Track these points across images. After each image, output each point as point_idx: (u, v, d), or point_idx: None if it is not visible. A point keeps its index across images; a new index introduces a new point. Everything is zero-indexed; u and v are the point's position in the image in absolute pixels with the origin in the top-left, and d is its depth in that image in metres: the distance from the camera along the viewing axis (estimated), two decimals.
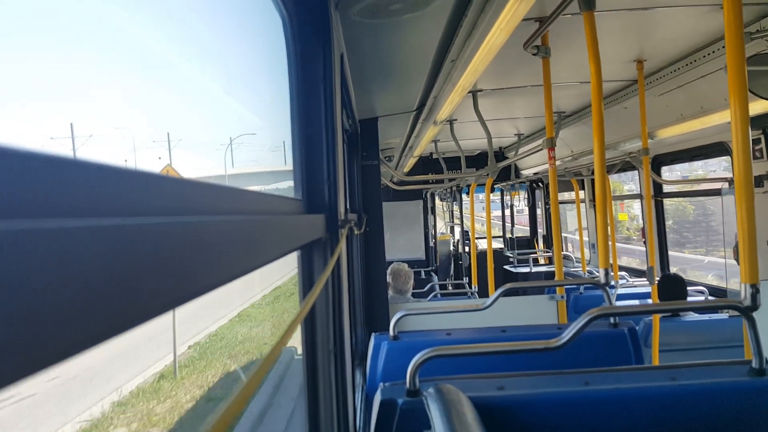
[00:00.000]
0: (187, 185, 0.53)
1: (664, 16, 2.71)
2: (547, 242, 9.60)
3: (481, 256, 7.21)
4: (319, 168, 1.38)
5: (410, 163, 7.19)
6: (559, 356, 1.75)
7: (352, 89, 2.79)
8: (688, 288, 4.28)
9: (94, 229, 0.33)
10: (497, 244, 10.46)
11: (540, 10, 2.54)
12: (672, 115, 3.98)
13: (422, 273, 8.98)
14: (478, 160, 7.70)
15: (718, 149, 4.39)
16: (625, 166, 5.84)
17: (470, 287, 7.31)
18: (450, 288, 8.38)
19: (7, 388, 0.25)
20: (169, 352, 6.79)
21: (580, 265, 7.43)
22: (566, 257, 8.32)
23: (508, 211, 10.49)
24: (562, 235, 10.55)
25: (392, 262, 4.99)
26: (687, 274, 6.97)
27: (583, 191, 7.50)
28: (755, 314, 1.63)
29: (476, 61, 2.39)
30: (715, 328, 3.95)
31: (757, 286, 1.62)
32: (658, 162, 5.29)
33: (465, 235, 9.80)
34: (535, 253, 9.45)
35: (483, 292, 6.78)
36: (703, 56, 3.25)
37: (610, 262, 2.65)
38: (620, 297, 5.03)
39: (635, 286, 5.50)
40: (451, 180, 7.41)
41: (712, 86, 3.43)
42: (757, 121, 3.49)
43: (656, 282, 3.97)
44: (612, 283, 4.70)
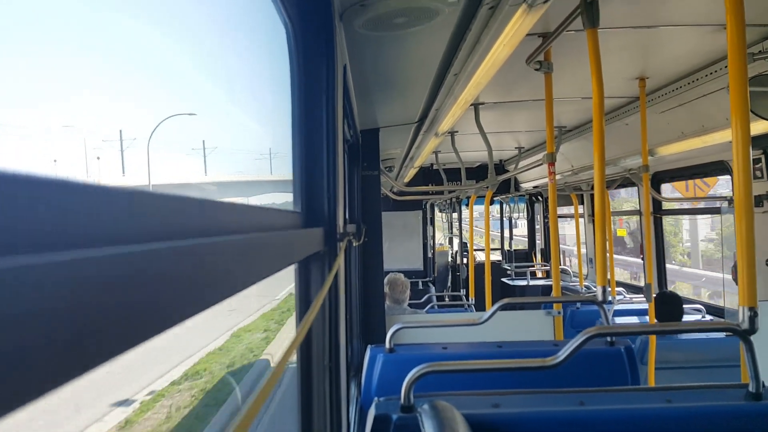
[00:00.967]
0: (179, 203, 0.52)
1: (668, 34, 2.72)
2: (545, 256, 9.59)
3: (479, 268, 7.20)
4: (319, 180, 1.37)
5: (410, 173, 7.19)
6: (555, 373, 1.74)
7: (354, 100, 2.79)
8: (685, 306, 4.26)
9: (80, 262, 0.32)
10: (495, 257, 10.45)
11: (544, 26, 2.54)
12: (673, 132, 3.98)
13: (420, 284, 8.96)
14: (478, 172, 7.70)
15: (719, 168, 4.39)
16: (625, 182, 5.85)
17: (467, 299, 7.31)
18: (447, 299, 8.36)
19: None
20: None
21: (578, 279, 7.43)
22: (564, 271, 8.31)
23: (507, 223, 10.49)
24: (560, 249, 10.54)
25: (390, 272, 4.98)
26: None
27: (582, 206, 7.50)
28: (753, 337, 1.62)
29: (479, 75, 2.39)
30: (713, 348, 3.94)
31: (755, 309, 1.61)
32: (658, 179, 5.29)
33: (463, 246, 9.79)
34: (533, 266, 9.43)
35: (480, 304, 6.77)
36: (705, 75, 3.25)
37: (608, 278, 2.64)
38: (617, 313, 5.02)
39: (632, 302, 5.49)
40: (450, 191, 7.41)
41: (713, 105, 3.44)
42: (758, 141, 3.50)
43: (653, 299, 3.96)
44: (609, 299, 4.69)
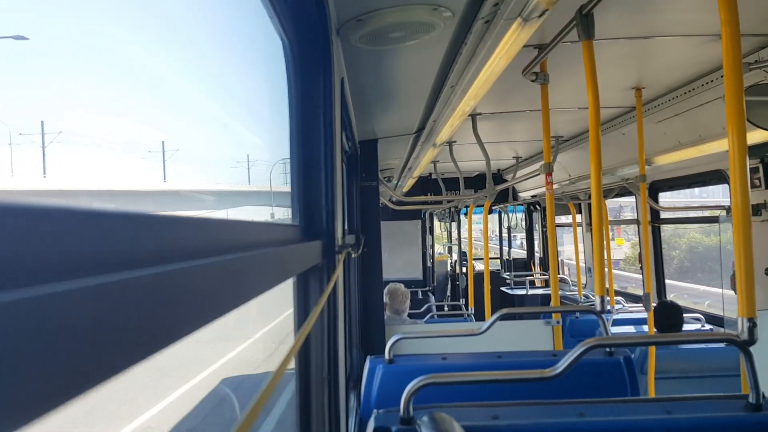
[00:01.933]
0: (177, 224, 0.52)
1: (663, 45, 2.73)
2: (544, 265, 9.59)
3: (478, 277, 7.19)
4: (318, 193, 1.38)
5: (409, 183, 7.20)
6: (555, 383, 1.74)
7: (353, 112, 2.80)
8: (685, 315, 4.26)
9: (71, 293, 0.32)
10: (495, 266, 10.45)
11: (540, 38, 2.56)
12: (670, 142, 3.99)
13: (419, 293, 8.95)
14: (476, 182, 7.72)
15: (716, 177, 4.41)
16: (623, 192, 5.86)
17: (467, 309, 7.29)
18: (446, 309, 8.35)
19: None
20: None
21: (576, 288, 7.42)
22: (563, 281, 8.30)
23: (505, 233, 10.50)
24: (559, 258, 10.54)
25: (389, 282, 4.98)
26: None
27: (580, 215, 7.51)
28: (754, 347, 1.62)
29: (476, 87, 2.41)
30: (713, 358, 3.93)
31: (754, 320, 1.62)
32: (656, 188, 5.30)
33: (462, 256, 9.78)
34: (532, 275, 9.43)
35: (479, 314, 6.76)
36: (702, 85, 3.27)
37: (606, 288, 2.64)
38: (616, 322, 5.01)
39: (631, 312, 5.48)
40: (449, 201, 7.42)
41: (710, 115, 3.45)
42: (756, 150, 3.51)
43: (653, 309, 3.96)
44: (608, 309, 4.69)
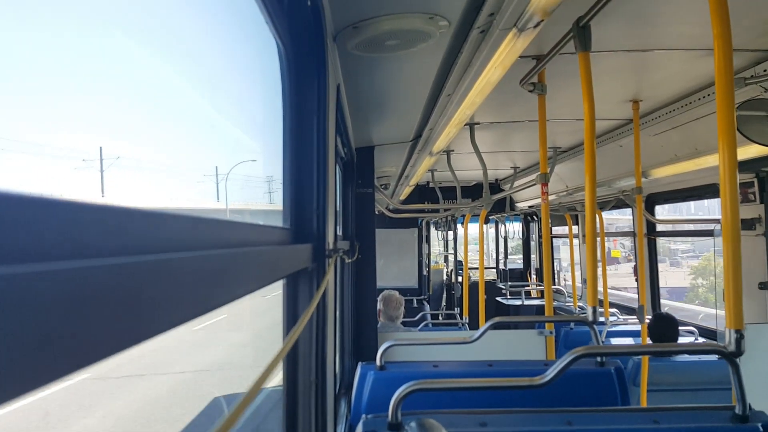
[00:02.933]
0: (164, 219, 0.53)
1: (660, 58, 2.75)
2: (540, 275, 9.59)
3: (474, 287, 7.19)
4: (309, 198, 1.38)
5: (406, 191, 7.21)
6: (545, 393, 1.75)
7: (349, 118, 2.81)
8: (678, 328, 4.26)
9: (63, 272, 0.33)
10: (491, 276, 10.45)
11: (537, 49, 2.57)
12: (666, 155, 4.01)
13: (414, 301, 8.94)
14: (474, 191, 7.73)
15: (711, 191, 4.42)
16: (619, 204, 5.87)
17: (461, 318, 7.29)
18: (441, 318, 8.34)
19: None
20: None
21: (572, 299, 7.42)
22: (558, 291, 8.30)
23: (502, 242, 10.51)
24: (556, 269, 10.54)
25: (384, 290, 4.98)
26: None
27: (576, 226, 7.51)
28: (743, 358, 1.62)
29: (472, 96, 2.42)
30: (705, 370, 3.93)
31: (741, 332, 1.62)
32: (652, 201, 5.32)
33: (458, 265, 9.78)
34: (528, 285, 9.43)
35: (474, 324, 6.75)
36: (698, 99, 3.29)
37: (600, 299, 2.64)
38: (611, 334, 5.01)
39: (626, 324, 5.49)
40: (446, 210, 7.43)
41: (706, 128, 3.47)
42: (751, 165, 3.52)
43: (647, 321, 3.96)
44: (601, 320, 4.69)
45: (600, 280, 4.51)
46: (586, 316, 2.48)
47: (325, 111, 1.43)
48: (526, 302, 8.44)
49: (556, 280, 10.42)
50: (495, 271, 10.71)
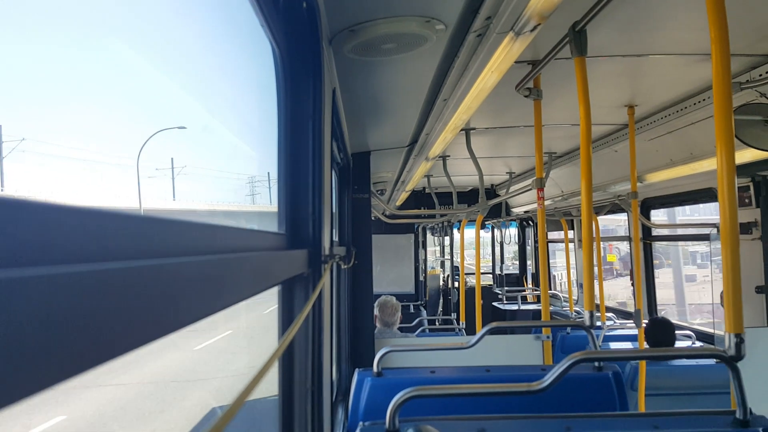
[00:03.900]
0: (159, 224, 0.52)
1: (656, 63, 2.75)
2: (536, 280, 9.58)
3: (471, 292, 7.18)
4: (305, 203, 1.37)
5: (402, 197, 7.21)
6: (543, 398, 1.73)
7: (345, 123, 2.80)
8: (675, 332, 4.26)
9: (55, 277, 0.32)
10: (488, 281, 10.44)
11: (533, 54, 2.57)
12: (662, 159, 4.01)
13: (411, 307, 8.92)
14: (469, 197, 7.73)
15: (707, 195, 4.42)
16: (614, 208, 5.88)
17: (458, 323, 7.27)
18: (438, 323, 8.32)
19: None
20: None
21: (568, 304, 7.42)
22: (554, 296, 8.30)
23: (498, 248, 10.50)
24: (552, 274, 10.53)
25: (381, 295, 4.96)
26: None
27: (572, 231, 7.52)
28: (742, 362, 1.62)
29: (468, 101, 2.41)
30: (703, 374, 3.93)
31: (741, 336, 1.61)
32: (648, 205, 5.32)
33: (455, 270, 9.77)
34: (524, 290, 9.43)
35: (471, 329, 6.73)
36: (694, 104, 3.29)
37: (596, 304, 2.64)
38: (608, 338, 5.00)
39: (623, 328, 5.48)
40: (442, 215, 7.43)
41: (701, 133, 3.47)
42: (746, 169, 3.53)
43: (643, 325, 3.95)
44: (598, 324, 4.68)
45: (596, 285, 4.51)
46: (583, 321, 2.47)
47: (320, 115, 1.42)
48: (523, 307, 8.44)
49: (552, 285, 10.43)
50: (491, 276, 10.70)
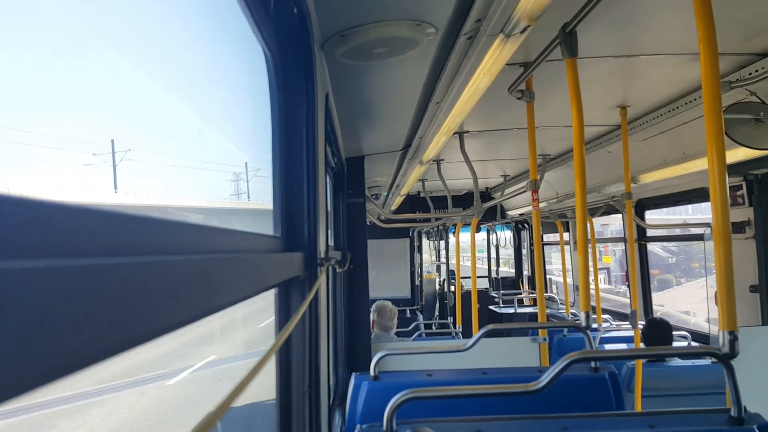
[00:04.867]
0: (151, 223, 0.52)
1: (646, 64, 2.77)
2: (532, 283, 9.59)
3: (467, 296, 7.18)
4: (299, 206, 1.37)
5: (397, 201, 7.22)
6: (539, 400, 1.74)
7: (338, 128, 2.81)
8: (673, 333, 4.27)
9: (46, 270, 0.32)
10: (484, 284, 10.44)
11: (524, 56, 2.59)
12: (655, 160, 4.03)
13: (407, 311, 8.91)
14: (464, 200, 7.74)
15: (701, 195, 4.45)
16: (609, 210, 5.90)
17: (455, 327, 7.28)
18: (435, 327, 8.32)
19: None
20: None
21: (565, 306, 7.43)
22: (551, 299, 8.31)
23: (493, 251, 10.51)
24: (548, 276, 10.54)
25: (377, 300, 4.96)
26: None
27: (567, 233, 7.54)
28: (737, 361, 1.62)
29: (461, 104, 2.43)
30: (699, 374, 3.94)
31: (735, 333, 1.62)
32: (642, 206, 5.34)
33: (451, 274, 9.78)
34: (520, 293, 9.44)
35: (467, 333, 6.73)
36: (685, 104, 3.31)
37: (592, 305, 2.65)
38: (604, 340, 5.02)
39: (619, 329, 5.49)
40: (437, 219, 7.44)
41: (694, 133, 3.49)
42: (739, 168, 3.55)
43: (640, 326, 3.96)
44: (594, 326, 4.69)
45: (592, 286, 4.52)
46: (579, 322, 2.47)
47: (314, 119, 1.43)
48: (519, 310, 8.44)
49: (549, 288, 10.44)
50: (487, 279, 10.71)
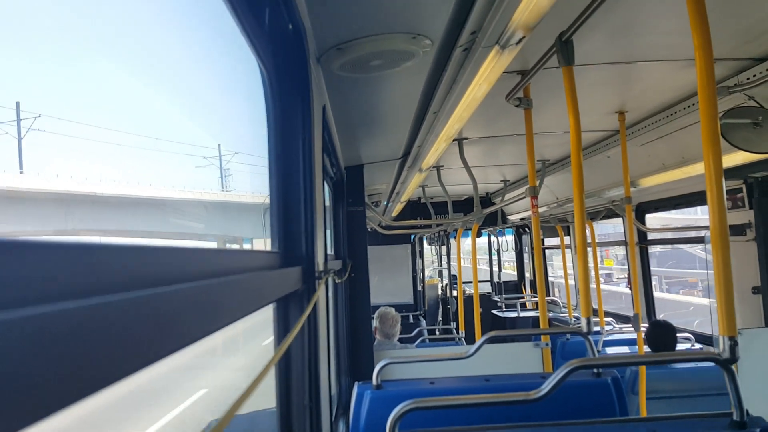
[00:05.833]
0: (151, 252, 0.53)
1: (644, 69, 2.78)
2: (535, 287, 9.58)
3: (469, 300, 7.17)
4: (297, 220, 1.38)
5: (398, 208, 7.22)
6: (543, 406, 1.74)
7: (337, 138, 2.82)
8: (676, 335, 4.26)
9: (45, 316, 0.33)
10: (486, 289, 10.42)
11: (522, 64, 2.59)
12: (654, 164, 4.04)
13: (410, 317, 8.89)
14: (465, 205, 7.75)
15: (700, 198, 4.45)
16: (609, 214, 5.90)
17: (457, 332, 7.27)
18: (437, 333, 8.31)
19: None
20: None
21: (567, 310, 7.42)
22: (553, 302, 8.30)
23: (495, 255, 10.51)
24: (550, 280, 10.53)
25: (380, 307, 4.96)
26: None
27: (568, 237, 7.53)
28: (741, 363, 1.62)
29: (459, 112, 2.43)
30: (703, 377, 3.93)
31: (735, 339, 1.62)
32: (642, 210, 5.34)
33: (453, 279, 9.77)
34: (523, 297, 9.42)
35: (470, 338, 6.73)
36: (683, 108, 3.32)
37: (594, 309, 2.64)
38: (607, 343, 5.01)
39: (622, 332, 5.48)
40: (438, 225, 7.44)
41: (692, 137, 3.50)
42: (738, 171, 3.55)
43: (642, 329, 3.96)
44: (596, 330, 4.68)
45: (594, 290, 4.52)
46: (581, 327, 2.47)
47: (310, 132, 1.44)
48: (522, 314, 8.43)
49: (551, 291, 10.42)
50: (489, 284, 10.69)
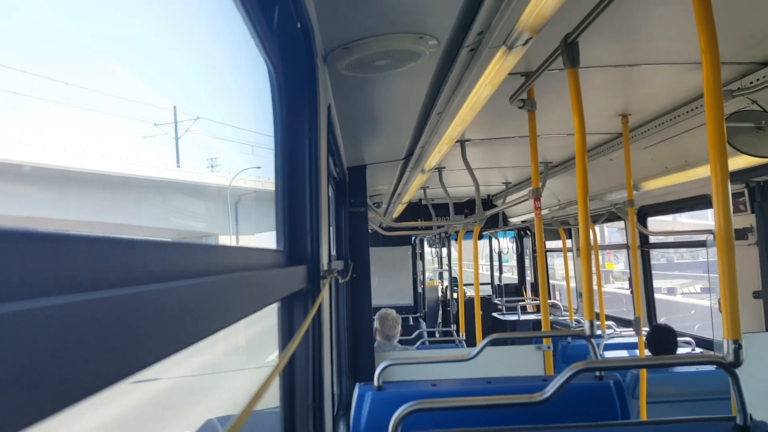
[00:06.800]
0: (156, 247, 0.53)
1: (648, 72, 2.78)
2: (536, 290, 9.57)
3: (470, 303, 7.16)
4: (302, 219, 1.38)
5: (399, 209, 7.22)
6: (545, 409, 1.73)
7: (341, 138, 2.82)
8: (677, 339, 4.25)
9: (57, 308, 0.32)
10: (487, 291, 10.41)
11: (526, 66, 2.59)
12: (657, 167, 4.04)
13: (410, 319, 8.88)
14: (466, 207, 7.74)
15: (703, 202, 4.44)
16: (612, 217, 5.89)
17: (458, 335, 7.26)
18: (438, 335, 8.30)
19: None
20: None
21: (568, 313, 7.41)
22: (554, 305, 8.29)
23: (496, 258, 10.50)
24: (551, 283, 10.52)
25: (380, 308, 4.95)
26: None
27: (570, 240, 7.53)
28: (742, 367, 1.62)
29: (463, 114, 2.43)
30: (704, 381, 3.92)
31: (739, 342, 1.62)
32: (644, 213, 5.34)
33: (453, 281, 9.76)
34: (523, 300, 9.41)
35: (471, 340, 6.72)
36: (687, 112, 3.32)
37: (596, 312, 2.64)
38: (608, 347, 5.00)
39: (623, 336, 5.48)
40: (439, 227, 7.43)
41: (695, 141, 3.50)
42: (741, 175, 3.55)
43: (644, 333, 3.95)
44: (599, 333, 4.68)
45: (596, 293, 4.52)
46: (583, 330, 2.47)
47: (316, 131, 1.44)
48: (523, 317, 8.42)
49: (552, 294, 10.41)
50: (490, 286, 10.68)
